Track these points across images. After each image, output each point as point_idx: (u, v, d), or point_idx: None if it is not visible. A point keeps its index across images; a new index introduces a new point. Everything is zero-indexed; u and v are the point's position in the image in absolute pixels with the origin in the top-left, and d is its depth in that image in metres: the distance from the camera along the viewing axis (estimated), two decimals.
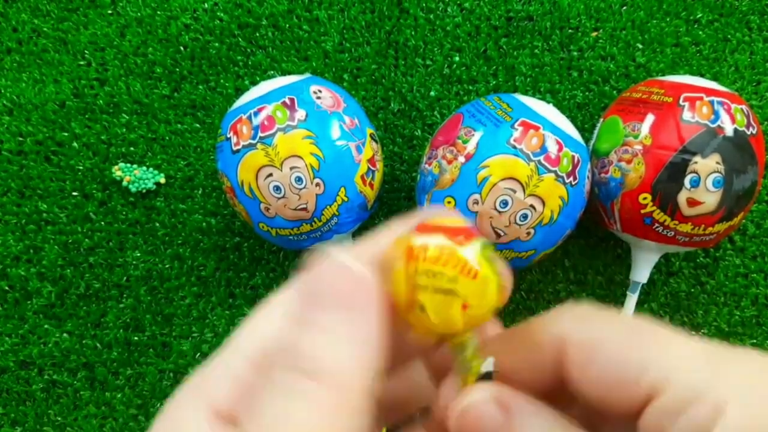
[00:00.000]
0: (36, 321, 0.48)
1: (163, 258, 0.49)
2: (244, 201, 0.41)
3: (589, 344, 0.16)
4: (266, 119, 0.39)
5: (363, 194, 0.41)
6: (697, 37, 0.50)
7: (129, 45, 0.51)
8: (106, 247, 0.49)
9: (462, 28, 0.51)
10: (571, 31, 0.50)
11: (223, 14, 0.51)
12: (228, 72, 0.51)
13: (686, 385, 0.14)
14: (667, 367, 0.14)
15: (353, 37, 0.51)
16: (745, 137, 0.39)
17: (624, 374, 0.15)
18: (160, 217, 0.50)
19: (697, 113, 0.39)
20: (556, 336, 0.16)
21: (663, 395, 0.14)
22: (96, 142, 0.50)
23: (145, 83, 0.51)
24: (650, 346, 0.15)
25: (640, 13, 0.50)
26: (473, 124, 0.40)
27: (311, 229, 0.41)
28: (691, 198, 0.39)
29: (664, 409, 0.14)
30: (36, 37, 0.51)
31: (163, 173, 0.50)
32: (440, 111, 0.50)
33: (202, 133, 0.50)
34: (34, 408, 0.48)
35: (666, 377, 0.14)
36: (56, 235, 0.49)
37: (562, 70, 0.50)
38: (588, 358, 0.16)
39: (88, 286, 0.49)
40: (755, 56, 0.50)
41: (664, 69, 0.50)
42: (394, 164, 0.50)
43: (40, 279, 0.49)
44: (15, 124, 0.50)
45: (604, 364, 0.15)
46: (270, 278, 0.49)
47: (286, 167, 0.39)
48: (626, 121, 0.41)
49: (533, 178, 0.38)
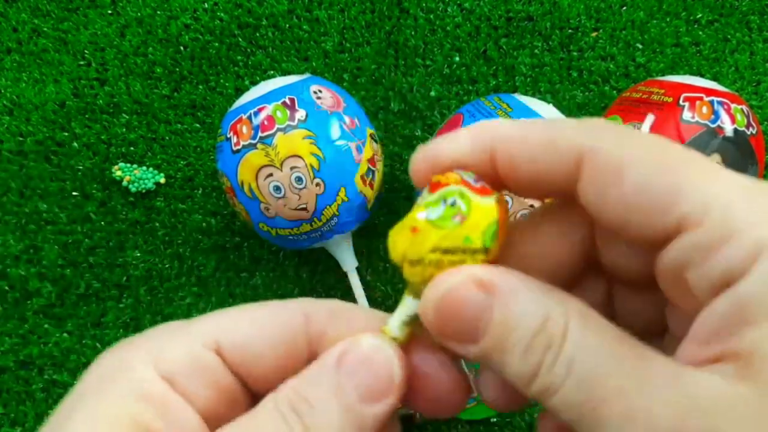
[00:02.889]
0: (36, 321, 0.48)
1: (163, 258, 0.49)
2: (244, 201, 0.41)
3: (613, 162, 0.14)
4: (266, 119, 0.39)
5: (363, 194, 0.41)
6: (697, 37, 0.50)
7: (129, 45, 0.51)
8: (106, 247, 0.49)
9: (462, 28, 0.51)
10: (571, 31, 0.50)
11: (223, 14, 0.51)
12: (228, 72, 0.51)
13: (723, 219, 0.12)
14: (704, 197, 0.13)
15: (353, 37, 0.51)
16: (745, 137, 0.39)
17: (653, 200, 0.13)
18: (160, 217, 0.50)
19: (697, 113, 0.39)
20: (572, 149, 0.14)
21: (697, 229, 0.13)
22: (96, 142, 0.50)
23: (145, 83, 0.51)
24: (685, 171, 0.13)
25: (640, 13, 0.50)
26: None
27: (311, 229, 0.41)
28: None
29: (695, 244, 0.13)
30: (36, 37, 0.51)
31: (163, 173, 0.50)
32: (440, 111, 0.50)
33: (202, 133, 0.50)
34: (34, 408, 0.48)
35: (703, 209, 0.13)
36: (56, 235, 0.49)
37: (562, 70, 0.50)
38: (611, 179, 0.14)
39: (88, 286, 0.49)
40: (755, 56, 0.50)
41: (664, 69, 0.50)
42: (394, 164, 0.50)
43: (40, 279, 0.49)
44: (15, 124, 0.50)
45: (630, 187, 0.13)
46: (270, 278, 0.49)
47: (286, 167, 0.39)
48: (626, 121, 0.41)
49: None
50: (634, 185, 0.13)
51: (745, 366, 0.12)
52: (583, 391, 0.13)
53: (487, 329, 0.14)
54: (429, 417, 0.48)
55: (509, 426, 0.47)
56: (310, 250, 0.48)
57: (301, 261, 0.49)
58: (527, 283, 0.14)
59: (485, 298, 0.14)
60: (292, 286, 0.49)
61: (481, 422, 0.47)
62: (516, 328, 0.14)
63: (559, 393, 0.13)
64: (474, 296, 0.14)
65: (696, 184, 0.13)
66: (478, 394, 0.17)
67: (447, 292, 0.14)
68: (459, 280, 0.14)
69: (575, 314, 0.14)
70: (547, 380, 0.13)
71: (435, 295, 0.15)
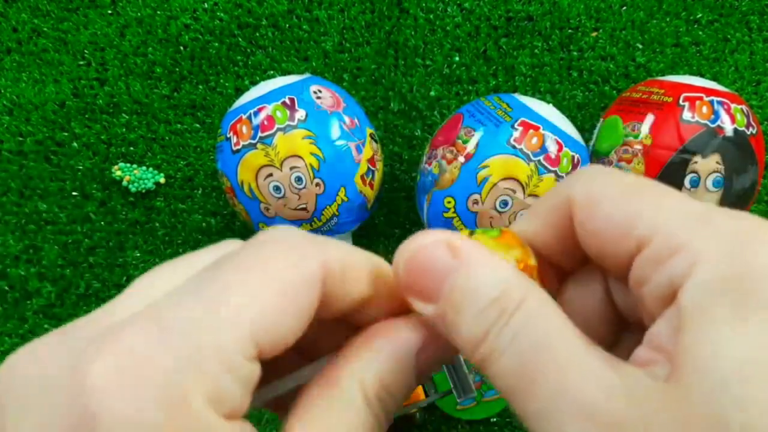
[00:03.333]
0: (36, 321, 0.48)
1: (163, 258, 0.49)
2: (244, 201, 0.41)
3: (590, 200, 0.16)
4: (266, 119, 0.39)
5: (363, 194, 0.41)
6: (697, 37, 0.50)
7: (129, 45, 0.51)
8: (106, 247, 0.49)
9: (462, 28, 0.51)
10: (571, 31, 0.50)
11: (223, 14, 0.51)
12: (228, 72, 0.51)
13: (669, 237, 0.14)
14: (656, 220, 0.15)
15: (353, 37, 0.51)
16: (745, 137, 0.39)
17: (617, 227, 0.15)
18: (160, 217, 0.50)
19: (697, 113, 0.39)
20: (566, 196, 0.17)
21: (648, 246, 0.14)
22: (96, 142, 0.50)
23: (145, 83, 0.51)
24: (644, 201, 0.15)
25: (640, 13, 0.50)
26: (473, 124, 0.40)
27: (311, 228, 0.41)
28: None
29: (648, 259, 0.14)
30: (36, 37, 0.51)
31: (163, 173, 0.50)
32: (440, 111, 0.50)
33: (202, 133, 0.50)
34: None
35: (653, 229, 0.14)
36: (56, 235, 0.49)
37: (562, 70, 0.50)
38: (588, 214, 0.16)
39: (88, 286, 0.49)
40: (755, 56, 0.50)
41: (664, 69, 0.50)
42: (394, 164, 0.50)
43: (40, 279, 0.49)
44: (15, 124, 0.50)
45: (602, 218, 0.15)
46: None
47: (286, 167, 0.39)
48: (626, 121, 0.41)
49: (533, 178, 0.38)
50: (604, 218, 0.15)
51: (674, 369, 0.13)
52: (523, 362, 0.14)
53: (448, 291, 0.15)
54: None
55: (509, 426, 0.47)
56: None
57: None
58: (497, 260, 0.15)
59: (452, 262, 0.15)
60: None
61: (481, 422, 0.47)
62: (474, 292, 0.15)
63: (500, 361, 0.14)
64: (441, 256, 0.15)
65: (650, 210, 0.15)
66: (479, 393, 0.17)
67: (418, 249, 0.15)
68: (432, 240, 0.15)
69: (534, 295, 0.15)
70: (491, 346, 0.14)
71: (407, 249, 0.16)
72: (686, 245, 0.14)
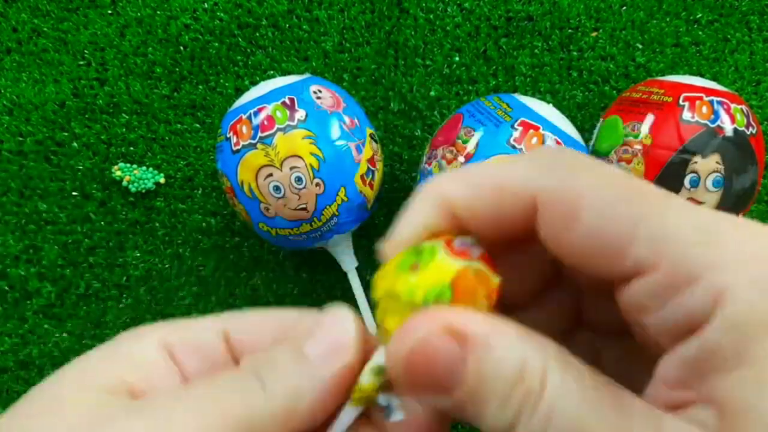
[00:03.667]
0: (36, 321, 0.48)
1: (163, 258, 0.49)
2: (244, 201, 0.41)
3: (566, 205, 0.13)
4: (266, 119, 0.39)
5: (363, 194, 0.41)
6: (697, 37, 0.50)
7: (129, 45, 0.51)
8: (106, 247, 0.49)
9: (462, 28, 0.51)
10: (571, 31, 0.50)
11: (223, 14, 0.51)
12: (228, 72, 0.51)
13: (681, 262, 0.12)
14: (658, 238, 0.12)
15: (353, 37, 0.51)
16: (745, 137, 0.39)
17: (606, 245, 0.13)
18: (160, 217, 0.50)
19: (696, 113, 0.39)
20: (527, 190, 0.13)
21: (654, 272, 0.12)
22: (96, 142, 0.50)
23: (145, 83, 0.51)
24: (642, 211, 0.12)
25: (640, 13, 0.50)
26: (473, 124, 0.40)
27: (311, 229, 0.41)
28: (691, 198, 0.39)
29: (651, 290, 0.12)
30: (36, 37, 0.51)
31: (162, 173, 0.50)
32: (440, 111, 0.50)
33: (202, 133, 0.50)
34: None
35: (658, 252, 0.12)
36: (56, 235, 0.49)
37: (562, 70, 0.50)
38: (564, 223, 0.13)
39: (88, 286, 0.49)
40: (755, 56, 0.50)
41: (664, 69, 0.50)
42: (394, 164, 0.50)
43: (40, 279, 0.49)
44: (15, 124, 0.50)
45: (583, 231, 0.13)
46: (270, 278, 0.49)
47: (286, 167, 0.39)
48: (626, 121, 0.41)
49: None
50: (587, 229, 0.13)
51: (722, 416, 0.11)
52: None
53: (461, 380, 0.13)
54: None
55: None
56: (310, 250, 0.48)
57: (301, 261, 0.49)
58: (501, 328, 0.13)
59: (458, 349, 0.13)
60: (292, 286, 0.49)
61: None
62: (492, 378, 0.13)
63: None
64: (446, 348, 0.13)
65: (649, 225, 0.12)
66: None
67: (417, 344, 0.13)
68: (429, 329, 0.13)
69: (553, 360, 0.13)
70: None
71: (404, 346, 0.13)
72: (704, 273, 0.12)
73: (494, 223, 0.14)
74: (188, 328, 0.17)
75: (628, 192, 0.13)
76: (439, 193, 0.15)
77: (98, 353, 0.17)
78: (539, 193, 0.13)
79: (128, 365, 0.16)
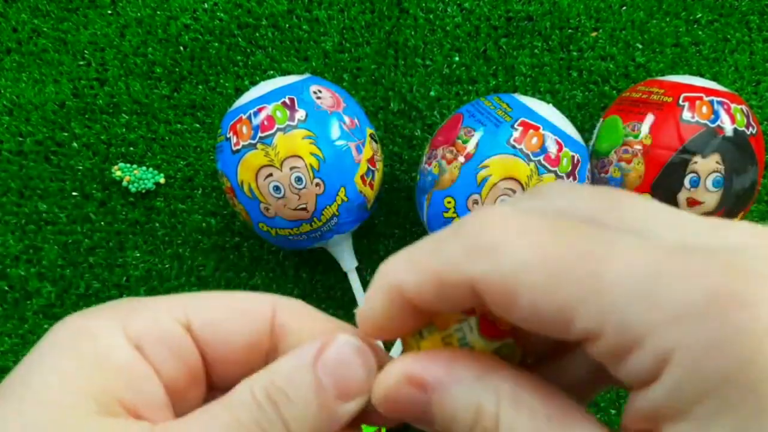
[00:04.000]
0: (36, 321, 0.48)
1: (163, 258, 0.49)
2: (244, 201, 0.41)
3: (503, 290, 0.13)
4: (266, 119, 0.39)
5: (363, 194, 0.41)
6: (697, 37, 0.50)
7: (129, 45, 0.51)
8: (106, 247, 0.49)
9: (462, 28, 0.51)
10: (571, 31, 0.50)
11: (223, 14, 0.51)
12: (228, 72, 0.51)
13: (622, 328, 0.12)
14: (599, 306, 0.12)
15: (353, 37, 0.51)
16: (745, 137, 0.39)
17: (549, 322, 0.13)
18: (160, 217, 0.50)
19: (696, 113, 0.39)
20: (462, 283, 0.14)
21: (600, 339, 0.12)
22: (96, 142, 0.50)
23: (145, 83, 0.51)
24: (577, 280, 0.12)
25: (640, 13, 0.50)
26: (473, 124, 0.40)
27: (311, 229, 0.41)
28: (691, 198, 0.39)
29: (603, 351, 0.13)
30: (36, 37, 0.51)
31: (162, 173, 0.50)
32: (440, 111, 0.50)
33: (202, 133, 0.50)
34: None
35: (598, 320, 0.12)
36: (56, 235, 0.49)
37: (562, 70, 0.50)
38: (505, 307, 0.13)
39: (88, 286, 0.49)
40: (755, 56, 0.50)
41: (664, 69, 0.50)
42: (394, 164, 0.50)
43: (40, 279, 0.49)
44: (15, 124, 0.50)
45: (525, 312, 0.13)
46: (270, 278, 0.49)
47: (286, 167, 0.39)
48: (626, 121, 0.41)
49: (533, 178, 0.38)
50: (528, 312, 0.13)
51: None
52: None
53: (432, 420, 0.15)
54: None
55: None
56: (310, 250, 0.48)
57: (301, 261, 0.49)
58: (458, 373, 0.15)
59: (423, 396, 0.15)
60: (292, 286, 0.49)
61: None
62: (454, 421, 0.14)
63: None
64: (411, 396, 0.15)
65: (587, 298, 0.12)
66: None
67: (387, 394, 0.15)
68: (394, 380, 0.15)
69: (505, 398, 0.14)
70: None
71: (378, 395, 0.16)
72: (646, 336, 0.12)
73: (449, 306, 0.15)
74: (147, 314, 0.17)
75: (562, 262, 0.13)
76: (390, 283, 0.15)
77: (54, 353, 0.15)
78: (474, 282, 0.13)
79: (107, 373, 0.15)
